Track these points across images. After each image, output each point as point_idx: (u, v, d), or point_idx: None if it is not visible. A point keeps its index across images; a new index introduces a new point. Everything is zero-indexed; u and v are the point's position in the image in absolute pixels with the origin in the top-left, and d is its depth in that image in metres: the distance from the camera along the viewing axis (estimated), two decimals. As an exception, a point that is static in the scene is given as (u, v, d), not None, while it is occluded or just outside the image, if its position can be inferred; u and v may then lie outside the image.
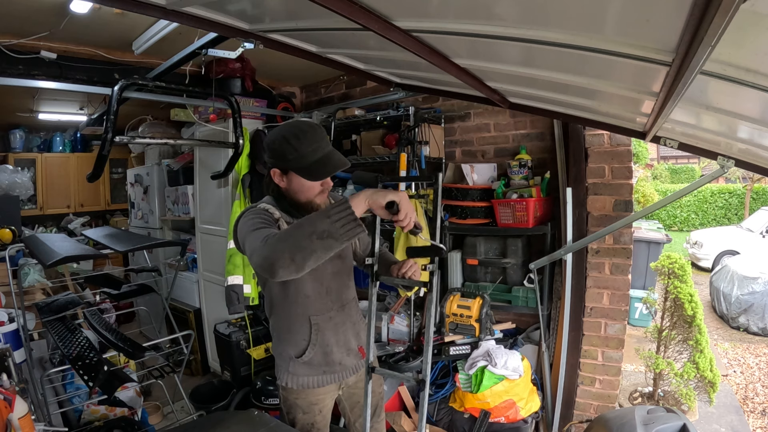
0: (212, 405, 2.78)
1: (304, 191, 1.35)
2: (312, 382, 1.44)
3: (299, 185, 1.34)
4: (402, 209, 1.18)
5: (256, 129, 3.25)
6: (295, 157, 1.29)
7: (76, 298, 2.90)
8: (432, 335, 1.24)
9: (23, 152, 5.01)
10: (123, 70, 2.74)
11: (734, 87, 0.91)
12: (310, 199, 1.36)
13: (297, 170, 1.31)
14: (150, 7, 1.37)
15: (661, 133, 1.68)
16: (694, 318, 2.89)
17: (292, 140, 1.29)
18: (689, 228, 11.86)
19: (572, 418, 2.48)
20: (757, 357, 4.38)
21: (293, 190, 1.35)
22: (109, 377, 2.06)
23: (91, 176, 2.26)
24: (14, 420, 1.47)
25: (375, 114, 2.87)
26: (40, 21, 2.15)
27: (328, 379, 1.46)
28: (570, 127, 2.45)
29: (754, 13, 0.60)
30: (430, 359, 1.23)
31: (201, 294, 3.63)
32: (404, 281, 1.40)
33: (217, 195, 3.33)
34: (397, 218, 1.19)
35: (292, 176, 1.33)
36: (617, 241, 2.37)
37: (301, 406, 1.46)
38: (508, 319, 2.77)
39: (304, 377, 1.43)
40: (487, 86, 1.79)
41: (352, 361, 1.51)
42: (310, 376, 1.44)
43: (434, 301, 1.10)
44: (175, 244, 3.25)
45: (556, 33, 0.98)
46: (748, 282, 5.05)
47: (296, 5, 1.29)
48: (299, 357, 1.42)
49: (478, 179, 2.74)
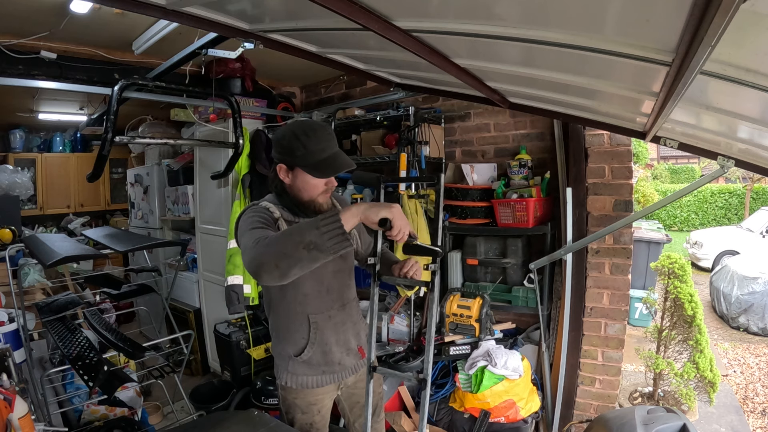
0: (212, 405, 2.78)
1: (308, 189, 1.35)
2: (311, 382, 1.44)
3: (303, 182, 1.35)
4: (395, 225, 1.18)
5: (256, 129, 3.25)
6: (303, 154, 1.31)
7: (76, 298, 2.90)
8: (433, 335, 1.24)
9: (23, 152, 5.01)
10: (123, 70, 2.74)
11: (734, 87, 0.91)
12: (313, 197, 1.37)
13: (303, 167, 1.33)
14: (150, 7, 1.37)
15: (661, 133, 1.68)
16: (694, 318, 2.89)
17: (301, 137, 1.31)
18: (689, 228, 11.87)
19: (572, 418, 2.48)
20: (757, 357, 4.38)
21: (297, 187, 1.36)
22: (109, 377, 2.06)
23: (91, 176, 2.26)
24: (14, 420, 1.47)
25: (375, 114, 2.87)
26: (40, 21, 2.15)
27: (327, 379, 1.46)
28: (570, 127, 2.45)
29: (754, 13, 0.60)
30: (431, 359, 1.23)
31: (201, 294, 3.63)
32: (406, 281, 1.41)
33: (217, 195, 3.33)
34: (390, 234, 1.20)
35: (297, 173, 1.34)
36: (617, 241, 2.37)
37: (299, 406, 1.46)
38: (508, 319, 2.77)
39: (303, 376, 1.43)
40: (487, 86, 1.79)
41: (351, 361, 1.51)
42: (309, 375, 1.44)
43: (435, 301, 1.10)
44: (175, 244, 3.25)
45: (556, 33, 0.98)
46: (748, 282, 5.05)
47: (296, 5, 1.29)
48: (298, 356, 1.42)
49: (478, 179, 2.74)
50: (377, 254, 1.46)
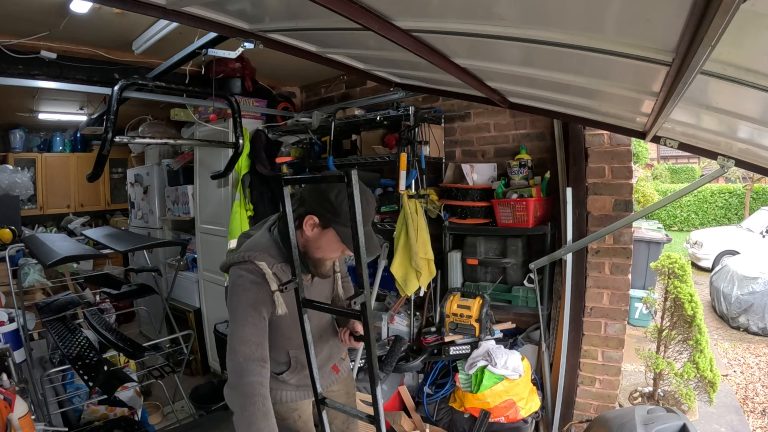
0: (212, 405, 2.78)
1: (328, 250, 1.32)
2: (287, 397, 1.49)
3: (328, 242, 1.30)
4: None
5: (256, 129, 3.25)
6: (346, 220, 1.24)
7: (76, 298, 2.90)
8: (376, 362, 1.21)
9: (23, 152, 5.01)
10: (123, 69, 2.74)
11: (734, 87, 0.91)
12: (326, 257, 1.34)
13: (340, 231, 1.27)
14: (150, 7, 1.37)
15: (661, 133, 1.68)
16: (694, 318, 2.89)
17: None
18: (689, 228, 11.87)
19: (572, 418, 2.48)
20: (757, 357, 4.38)
21: (317, 244, 1.31)
22: (109, 377, 2.07)
23: (91, 176, 2.26)
24: (14, 420, 1.48)
25: (375, 114, 2.87)
26: (40, 21, 2.15)
27: (302, 395, 1.50)
28: (570, 127, 2.45)
29: (754, 13, 0.60)
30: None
31: (201, 294, 3.63)
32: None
33: (217, 195, 3.33)
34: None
35: (328, 232, 1.29)
36: (617, 241, 2.37)
37: (279, 412, 1.46)
38: (508, 319, 2.77)
39: (278, 391, 1.47)
40: (487, 86, 1.79)
41: (326, 380, 1.55)
42: (284, 390, 1.48)
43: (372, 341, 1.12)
44: (175, 244, 3.25)
45: (556, 33, 0.98)
46: (748, 282, 5.05)
47: (296, 5, 1.30)
48: (278, 375, 1.46)
49: (478, 179, 2.74)
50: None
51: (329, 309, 1.22)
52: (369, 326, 1.05)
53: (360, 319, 1.08)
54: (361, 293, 1.04)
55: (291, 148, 3.35)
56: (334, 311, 1.25)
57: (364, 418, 1.21)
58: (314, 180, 1.43)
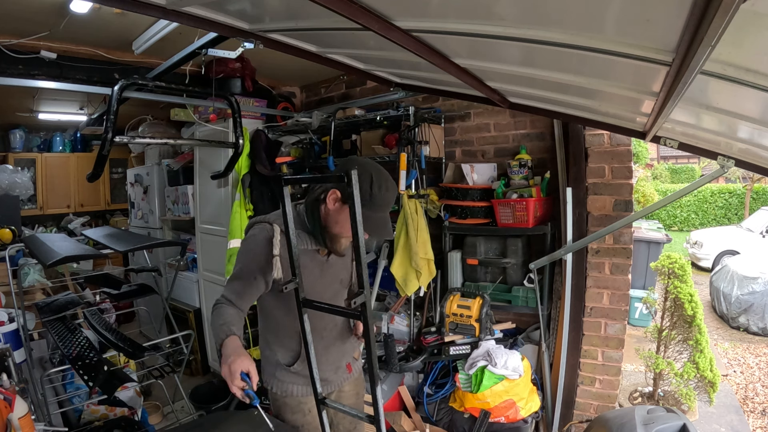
0: (212, 405, 2.78)
1: (345, 227, 1.34)
2: (297, 391, 1.49)
3: (345, 219, 1.32)
4: (252, 380, 1.21)
5: (256, 129, 3.25)
6: (367, 200, 1.27)
7: (76, 298, 2.90)
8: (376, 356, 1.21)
9: (23, 152, 5.01)
10: (123, 69, 2.74)
11: (734, 87, 0.91)
12: (342, 234, 1.37)
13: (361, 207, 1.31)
14: (150, 7, 1.37)
15: (661, 133, 1.68)
16: (694, 318, 2.89)
17: (375, 185, 1.29)
18: (689, 228, 11.87)
19: (572, 418, 2.48)
20: (757, 357, 4.38)
21: (336, 219, 1.35)
22: (109, 377, 2.06)
23: (91, 176, 2.26)
24: (14, 420, 1.47)
25: (375, 114, 2.87)
26: (40, 21, 2.15)
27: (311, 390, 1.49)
28: (570, 127, 2.45)
29: (754, 13, 0.60)
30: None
31: (201, 294, 3.63)
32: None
33: (217, 195, 3.33)
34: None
35: (347, 208, 1.30)
36: (617, 241, 2.37)
37: (289, 405, 1.51)
38: (508, 319, 2.77)
39: (289, 384, 1.49)
40: (487, 86, 1.79)
41: (338, 378, 1.57)
42: (295, 384, 1.49)
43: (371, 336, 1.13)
44: (175, 244, 3.25)
45: (556, 33, 0.98)
46: (748, 282, 5.05)
47: (296, 5, 1.29)
48: (289, 366, 1.47)
49: (478, 179, 2.74)
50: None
51: (329, 309, 1.22)
52: (369, 326, 1.06)
53: (360, 319, 1.09)
54: (361, 293, 1.05)
55: (291, 148, 3.35)
56: (334, 311, 1.26)
57: (364, 418, 1.21)
58: (314, 180, 1.48)
